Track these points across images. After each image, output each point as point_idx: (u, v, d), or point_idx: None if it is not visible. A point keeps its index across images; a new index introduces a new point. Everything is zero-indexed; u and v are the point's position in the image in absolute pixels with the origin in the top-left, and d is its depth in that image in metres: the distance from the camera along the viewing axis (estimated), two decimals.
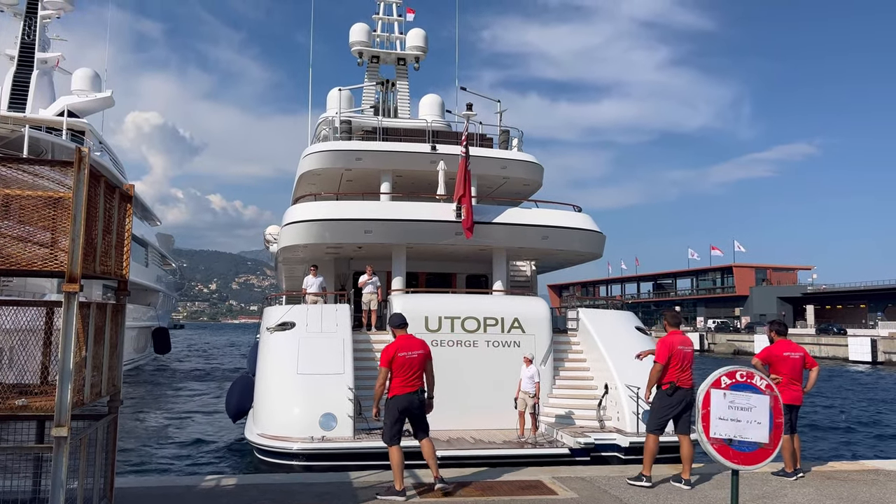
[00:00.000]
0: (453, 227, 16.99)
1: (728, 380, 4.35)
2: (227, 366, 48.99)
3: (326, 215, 17.71)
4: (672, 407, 8.16)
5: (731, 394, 4.29)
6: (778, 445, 4.40)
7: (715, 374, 4.43)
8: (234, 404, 17.54)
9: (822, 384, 38.73)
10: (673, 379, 8.14)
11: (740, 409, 4.26)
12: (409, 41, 27.06)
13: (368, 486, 7.70)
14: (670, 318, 8.71)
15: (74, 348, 4.51)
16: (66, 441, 4.42)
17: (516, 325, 15.02)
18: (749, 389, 4.34)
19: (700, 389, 4.41)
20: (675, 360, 8.12)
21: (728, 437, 4.29)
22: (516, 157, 20.35)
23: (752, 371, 4.48)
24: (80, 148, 4.62)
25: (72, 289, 4.51)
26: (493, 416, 14.33)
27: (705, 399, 4.32)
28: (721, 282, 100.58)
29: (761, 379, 4.45)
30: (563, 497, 7.42)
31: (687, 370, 8.19)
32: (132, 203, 5.94)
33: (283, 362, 14.31)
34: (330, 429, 12.76)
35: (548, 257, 20.21)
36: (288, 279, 29.49)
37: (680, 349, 8.19)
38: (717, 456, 4.36)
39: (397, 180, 20.67)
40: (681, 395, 8.12)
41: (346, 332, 14.84)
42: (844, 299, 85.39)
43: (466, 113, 18.78)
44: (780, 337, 8.89)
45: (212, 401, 27.70)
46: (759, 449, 4.36)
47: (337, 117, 22.21)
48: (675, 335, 8.37)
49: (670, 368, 8.15)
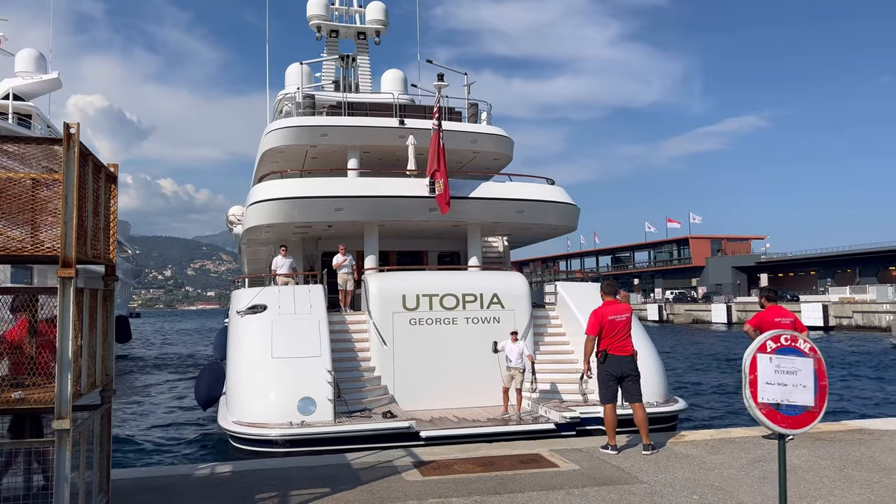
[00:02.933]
0: (427, 203, 16.74)
1: (773, 344, 4.32)
2: (191, 353, 48.15)
3: (295, 193, 17.21)
4: (611, 374, 8.37)
5: (776, 358, 4.26)
6: (823, 408, 4.40)
7: (760, 338, 4.40)
8: (203, 392, 17.16)
9: None
10: (604, 347, 8.39)
11: (786, 372, 4.24)
12: (369, 15, 26.53)
13: (368, 466, 7.56)
14: (605, 288, 8.87)
15: (72, 336, 4.22)
16: (69, 434, 4.15)
17: (495, 301, 14.93)
18: (794, 353, 4.31)
19: (746, 355, 4.37)
20: (607, 329, 8.37)
21: (776, 401, 4.26)
22: (487, 130, 20.14)
23: (796, 335, 4.45)
24: (68, 124, 4.30)
25: (67, 274, 4.21)
26: (476, 394, 14.28)
27: (752, 364, 4.27)
28: (678, 253, 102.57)
29: (805, 342, 4.42)
30: (565, 469, 7.40)
31: (621, 338, 8.37)
32: (117, 184, 5.61)
33: (256, 346, 13.94)
34: (309, 413, 12.50)
35: (522, 232, 20.11)
36: (250, 262, 28.90)
37: (611, 319, 8.38)
38: (765, 421, 4.34)
39: (364, 156, 20.28)
40: (615, 361, 8.34)
41: (322, 313, 14.53)
42: (796, 267, 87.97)
43: (438, 83, 18.44)
44: (770, 303, 9.00)
45: (179, 389, 27.14)
46: (805, 412, 4.36)
47: (299, 92, 21.67)
48: (607, 305, 8.58)
49: (603, 338, 8.40)
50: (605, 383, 8.44)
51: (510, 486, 6.71)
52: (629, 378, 8.43)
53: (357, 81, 26.14)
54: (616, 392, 8.48)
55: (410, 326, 14.73)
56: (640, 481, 6.89)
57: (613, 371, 8.38)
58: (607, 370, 8.41)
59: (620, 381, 8.43)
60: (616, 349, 8.36)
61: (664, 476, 7.09)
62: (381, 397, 14.10)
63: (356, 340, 15.23)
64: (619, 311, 8.49)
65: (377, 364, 14.67)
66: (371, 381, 14.38)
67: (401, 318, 14.77)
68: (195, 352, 48.99)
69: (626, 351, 8.42)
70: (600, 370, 8.49)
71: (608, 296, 8.76)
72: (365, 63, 26.88)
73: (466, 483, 6.84)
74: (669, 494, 6.45)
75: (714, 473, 7.18)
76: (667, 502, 6.23)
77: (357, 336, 15.32)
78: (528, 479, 6.98)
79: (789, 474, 7.12)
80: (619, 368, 8.37)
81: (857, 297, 61.98)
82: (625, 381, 8.42)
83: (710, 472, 7.21)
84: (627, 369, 8.42)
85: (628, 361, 8.43)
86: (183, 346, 58.40)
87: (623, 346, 8.40)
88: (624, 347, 8.40)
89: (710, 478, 7.01)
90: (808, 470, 7.25)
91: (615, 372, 8.38)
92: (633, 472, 7.25)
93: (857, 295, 62.88)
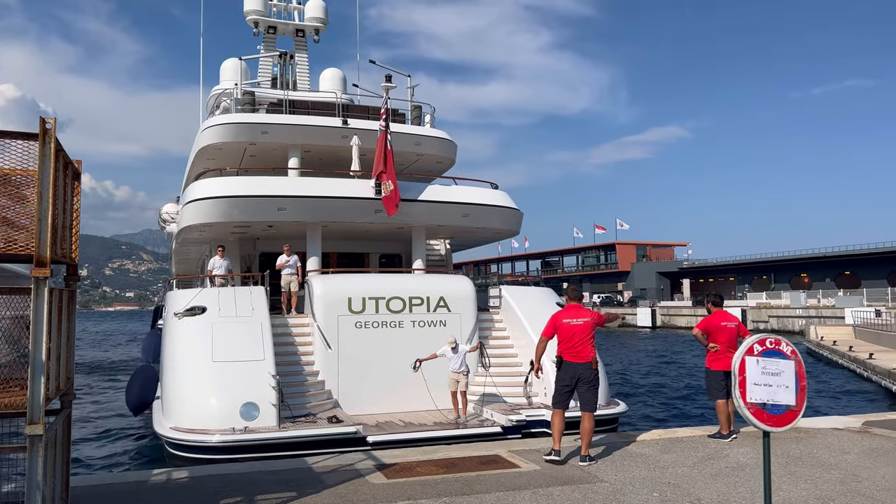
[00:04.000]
0: (373, 205, 16.64)
1: (759, 347, 4.54)
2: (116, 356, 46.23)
3: (236, 191, 16.77)
4: (565, 381, 8.12)
5: (762, 360, 4.48)
6: (803, 407, 4.64)
7: (747, 342, 4.62)
8: (135, 396, 16.52)
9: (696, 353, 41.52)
10: (560, 352, 8.17)
11: (771, 374, 4.46)
12: (309, 12, 26.18)
13: (331, 470, 7.47)
14: (569, 292, 8.61)
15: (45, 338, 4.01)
16: (42, 440, 3.95)
17: (442, 304, 14.95)
18: (777, 355, 4.54)
19: (735, 358, 4.57)
20: (563, 334, 8.13)
21: (762, 401, 4.48)
22: (431, 133, 20.19)
23: (779, 338, 4.69)
24: (44, 119, 4.08)
25: (42, 273, 4.01)
26: (422, 398, 14.25)
27: (741, 366, 4.48)
28: (605, 258, 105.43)
29: (787, 345, 4.65)
30: (527, 469, 7.51)
31: (576, 343, 8.07)
32: (80, 181, 5.37)
33: (195, 350, 13.51)
34: (252, 419, 12.20)
35: (465, 235, 20.24)
36: (179, 263, 27.99)
37: (566, 322, 8.14)
38: (753, 420, 4.56)
39: (305, 156, 19.99)
40: (569, 368, 8.08)
41: (264, 315, 14.21)
42: (716, 273, 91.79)
43: (386, 85, 18.37)
44: (716, 308, 9.39)
45: (107, 393, 26.03)
46: (788, 411, 4.59)
47: (238, 88, 21.18)
48: (567, 309, 8.36)
49: (558, 343, 8.18)
50: (558, 388, 8.21)
51: (476, 487, 6.77)
52: (586, 385, 8.14)
53: (295, 79, 25.73)
54: (568, 399, 8.18)
55: (356, 330, 14.59)
56: (602, 480, 7.07)
57: (568, 376, 8.11)
58: (562, 375, 8.18)
59: (577, 387, 8.14)
60: (571, 355, 8.10)
61: (623, 475, 7.29)
62: (326, 402, 13.92)
63: (299, 344, 14.97)
64: (577, 316, 8.20)
65: (321, 368, 14.47)
66: (315, 386, 14.17)
67: (346, 322, 14.61)
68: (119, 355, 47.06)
69: (584, 357, 8.09)
70: (557, 376, 8.26)
71: (572, 300, 8.49)
72: (303, 61, 26.51)
73: (432, 485, 6.85)
74: (631, 493, 6.64)
75: (669, 472, 7.44)
76: (629, 500, 6.42)
77: (300, 339, 15.07)
78: (492, 480, 7.05)
79: (737, 472, 7.47)
80: (573, 374, 8.07)
81: (773, 302, 65.20)
82: (581, 387, 8.13)
83: (665, 471, 7.47)
84: (583, 376, 8.10)
85: (585, 368, 8.10)
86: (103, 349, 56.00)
87: (580, 352, 8.08)
88: (581, 353, 8.09)
89: (665, 476, 7.26)
90: (755, 467, 7.60)
91: (570, 377, 8.10)
92: (593, 472, 7.43)
93: (773, 300, 66.14)
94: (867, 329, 36.17)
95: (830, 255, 76.73)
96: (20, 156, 4.17)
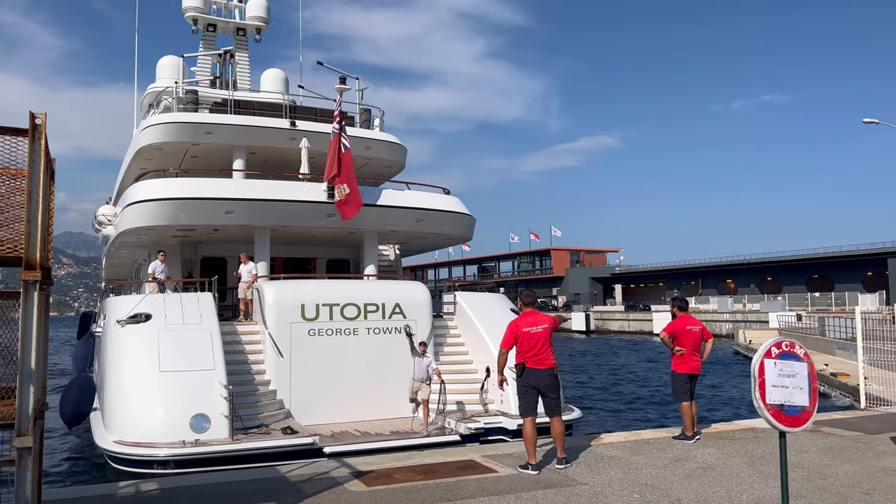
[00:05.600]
0: (326, 209, 16.35)
1: (776, 350, 4.65)
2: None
3: (181, 193, 16.17)
4: (529, 387, 8.00)
5: (779, 362, 4.59)
6: (815, 408, 4.76)
7: (765, 345, 4.73)
8: (70, 408, 15.69)
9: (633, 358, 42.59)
10: (521, 360, 8.04)
11: (787, 376, 4.56)
12: (251, 11, 25.70)
13: (307, 478, 7.25)
14: (524, 298, 8.49)
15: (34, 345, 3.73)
16: (31, 453, 3.66)
17: (397, 311, 14.77)
18: (792, 358, 4.65)
19: (754, 360, 4.66)
20: (523, 342, 8.01)
21: (780, 402, 4.57)
22: (381, 137, 20.06)
23: (793, 341, 4.80)
24: (34, 114, 3.80)
25: (32, 277, 3.73)
26: (378, 406, 14.08)
27: (760, 369, 4.57)
28: (540, 264, 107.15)
29: (800, 347, 4.77)
30: (505, 474, 7.49)
31: (538, 350, 7.98)
32: (54, 180, 5.04)
33: (140, 359, 12.95)
34: (203, 430, 11.76)
35: (416, 240, 20.13)
36: (111, 268, 26.86)
37: (526, 331, 8.02)
38: (773, 420, 4.66)
39: (250, 157, 19.52)
40: (532, 375, 7.96)
41: (213, 323, 13.75)
42: (647, 278, 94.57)
43: (340, 87, 18.15)
44: (681, 312, 9.60)
45: None
46: (802, 412, 4.70)
47: (179, 87, 20.52)
48: (524, 316, 8.25)
49: (519, 351, 8.03)
50: (523, 396, 8.04)
51: (459, 493, 6.70)
52: (550, 391, 8.06)
53: (235, 79, 25.11)
54: (535, 404, 8.05)
55: (309, 337, 14.26)
56: (581, 483, 7.11)
57: (531, 383, 7.98)
58: (525, 382, 8.02)
59: (540, 393, 8.03)
60: (534, 362, 7.98)
61: (600, 477, 7.36)
62: (278, 412, 13.56)
63: (250, 352, 14.55)
64: (535, 323, 8.09)
65: (273, 377, 14.08)
66: (267, 396, 13.79)
67: (299, 329, 14.26)
68: None
69: (546, 364, 8.01)
70: (518, 383, 8.09)
71: (526, 307, 8.37)
72: (244, 60, 25.98)
73: (414, 491, 6.74)
74: (611, 494, 6.71)
75: (643, 473, 7.55)
76: (612, 502, 6.47)
77: (251, 348, 14.64)
78: (473, 485, 7.00)
79: (709, 472, 7.65)
80: (537, 381, 7.97)
81: (701, 306, 67.57)
82: (544, 394, 8.04)
83: (640, 472, 7.57)
84: (546, 382, 8.03)
85: (548, 374, 8.02)
86: None
87: (542, 359, 8.00)
88: (543, 360, 8.00)
89: (641, 477, 7.37)
90: (724, 466, 7.81)
91: (533, 384, 7.98)
92: (571, 475, 7.47)
93: (701, 305, 68.54)
94: (791, 332, 37.88)
95: (754, 262, 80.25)
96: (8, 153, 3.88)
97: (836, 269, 72.98)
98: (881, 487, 6.91)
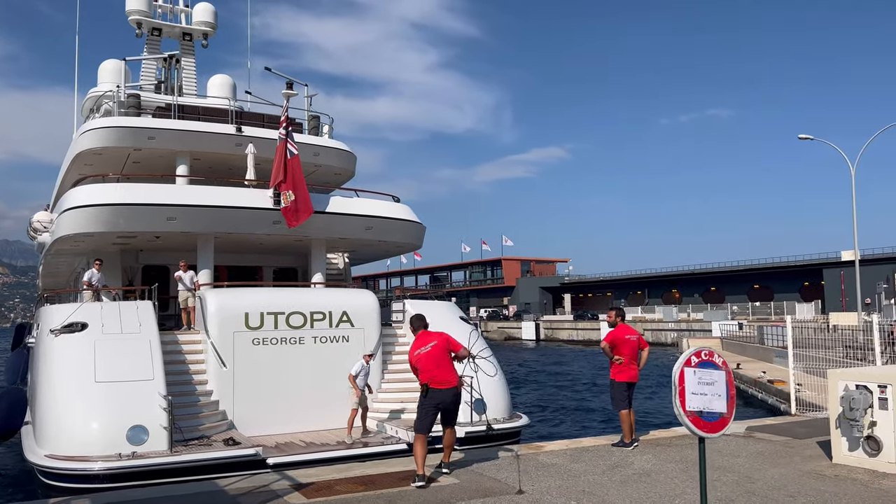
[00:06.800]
0: (271, 216, 16.11)
1: (696, 358, 4.81)
2: None
3: (121, 199, 15.70)
4: (429, 408, 7.87)
5: (699, 371, 4.73)
6: (732, 414, 4.91)
7: (685, 354, 4.89)
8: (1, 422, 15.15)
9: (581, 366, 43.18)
10: (425, 381, 7.88)
11: (706, 384, 4.70)
12: (197, 16, 25.25)
13: (246, 491, 7.13)
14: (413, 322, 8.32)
15: None
16: None
17: (345, 319, 14.63)
18: (710, 366, 4.81)
19: (675, 368, 4.80)
20: (419, 364, 7.89)
21: (699, 409, 4.70)
22: (329, 144, 19.91)
23: (711, 350, 4.94)
24: None
25: None
26: (324, 417, 13.89)
27: (680, 377, 4.72)
28: (491, 274, 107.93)
29: (718, 356, 4.92)
30: (446, 483, 7.50)
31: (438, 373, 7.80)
32: None
33: (75, 370, 12.49)
34: (141, 443, 11.40)
35: (366, 248, 19.99)
36: (48, 276, 26.00)
37: (418, 354, 7.89)
38: (692, 427, 4.80)
39: (194, 163, 19.15)
40: (436, 395, 7.82)
41: (152, 332, 13.39)
42: (595, 288, 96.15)
43: (287, 92, 17.92)
44: (621, 322, 9.78)
45: None
46: (720, 418, 4.85)
47: (121, 90, 20.03)
48: (416, 340, 8.10)
49: (421, 372, 7.91)
50: (423, 415, 7.87)
51: None
52: (451, 407, 7.99)
53: (181, 84, 24.63)
54: (432, 424, 7.93)
55: (253, 346, 14.01)
56: (520, 491, 7.16)
57: (433, 403, 7.85)
58: (427, 402, 7.86)
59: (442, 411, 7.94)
60: (437, 384, 7.81)
61: (539, 485, 7.43)
62: (220, 423, 13.26)
63: (191, 362, 14.19)
64: (424, 343, 7.94)
65: (215, 387, 13.77)
66: (208, 406, 13.48)
67: (242, 338, 14.00)
68: None
69: (450, 383, 7.85)
70: (422, 401, 7.92)
71: (416, 331, 8.20)
72: (191, 66, 25.48)
73: (354, 503, 6.68)
74: (549, 502, 6.78)
75: (581, 480, 7.65)
76: None
77: (192, 357, 14.29)
78: (415, 496, 6.98)
79: (644, 478, 7.80)
80: (440, 400, 7.84)
81: (648, 316, 69.03)
82: (446, 409, 7.95)
83: (578, 479, 7.68)
84: (450, 401, 7.93)
85: (452, 394, 7.90)
86: None
87: (444, 380, 7.82)
88: (446, 380, 7.82)
89: (579, 484, 7.47)
90: (659, 472, 7.98)
91: (435, 404, 7.85)
92: (510, 483, 7.52)
93: (647, 314, 70.01)
94: (733, 341, 38.95)
95: (698, 272, 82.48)
96: None
97: (776, 279, 75.60)
98: (805, 490, 7.16)
